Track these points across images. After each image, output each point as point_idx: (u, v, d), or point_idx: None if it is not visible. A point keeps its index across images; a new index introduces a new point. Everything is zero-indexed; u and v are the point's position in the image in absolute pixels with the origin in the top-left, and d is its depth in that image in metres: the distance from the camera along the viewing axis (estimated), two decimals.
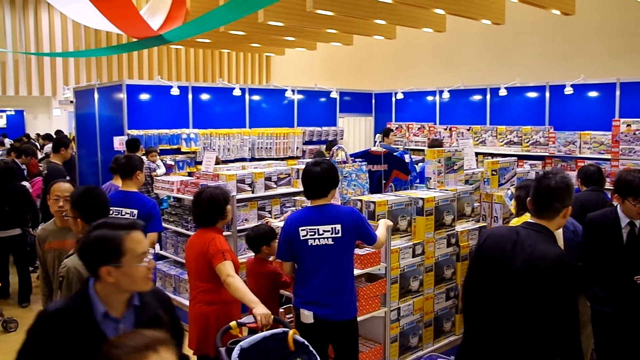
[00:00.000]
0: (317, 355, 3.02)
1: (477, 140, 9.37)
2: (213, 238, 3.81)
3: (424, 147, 9.73)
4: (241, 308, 3.94)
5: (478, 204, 5.50)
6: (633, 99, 7.93)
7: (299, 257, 3.70)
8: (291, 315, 3.95)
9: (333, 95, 10.96)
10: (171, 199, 6.47)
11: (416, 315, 4.67)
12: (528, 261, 2.79)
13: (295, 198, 6.06)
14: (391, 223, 4.33)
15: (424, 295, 4.73)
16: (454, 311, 5.02)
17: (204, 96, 9.28)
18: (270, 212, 6.22)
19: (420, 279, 4.67)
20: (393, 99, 11.54)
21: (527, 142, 8.81)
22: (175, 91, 8.72)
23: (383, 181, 5.78)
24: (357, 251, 4.05)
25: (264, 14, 8.66)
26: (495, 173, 5.57)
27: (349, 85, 12.30)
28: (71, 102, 11.27)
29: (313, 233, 3.62)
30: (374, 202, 4.40)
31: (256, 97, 9.95)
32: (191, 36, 10.24)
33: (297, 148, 10.13)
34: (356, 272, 3.94)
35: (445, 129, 10.14)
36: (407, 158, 6.05)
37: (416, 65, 13.06)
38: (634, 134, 7.47)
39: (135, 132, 8.22)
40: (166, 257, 6.49)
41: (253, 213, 6.12)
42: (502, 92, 9.37)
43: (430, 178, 5.25)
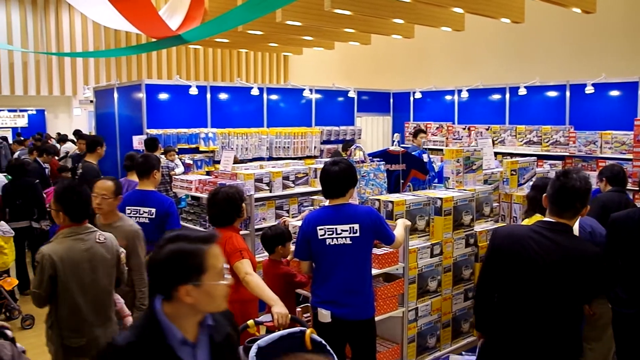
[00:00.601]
0: (335, 354, 3.01)
1: (496, 139, 9.29)
2: (230, 237, 3.82)
3: (443, 147, 9.67)
4: (258, 307, 3.95)
5: (497, 204, 5.45)
6: None
7: (317, 257, 3.70)
8: (309, 314, 3.95)
9: (351, 94, 10.94)
10: (189, 198, 6.51)
11: (434, 315, 4.64)
12: (568, 259, 2.84)
13: (313, 197, 6.06)
14: (409, 223, 4.31)
15: (442, 295, 4.70)
16: (472, 312, 4.98)
17: (222, 96, 9.32)
18: (287, 212, 6.22)
19: (438, 279, 4.64)
20: (411, 99, 11.49)
21: (547, 142, 8.71)
22: (193, 91, 8.76)
23: (401, 181, 5.75)
24: (375, 251, 4.04)
25: (282, 14, 8.67)
26: (514, 173, 5.52)
27: (367, 84, 12.27)
28: (91, 102, 11.39)
29: (331, 232, 3.62)
30: (392, 202, 4.39)
31: (274, 97, 9.96)
32: (209, 36, 10.28)
33: (315, 147, 10.12)
34: (374, 272, 3.93)
35: (463, 129, 10.07)
36: (426, 158, 6.02)
37: (434, 64, 12.98)
38: None
39: (154, 132, 8.28)
40: None
41: (271, 212, 6.12)
42: (522, 91, 9.28)
43: (448, 178, 5.21)
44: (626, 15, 9.84)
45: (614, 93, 8.29)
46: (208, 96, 9.09)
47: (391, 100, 11.93)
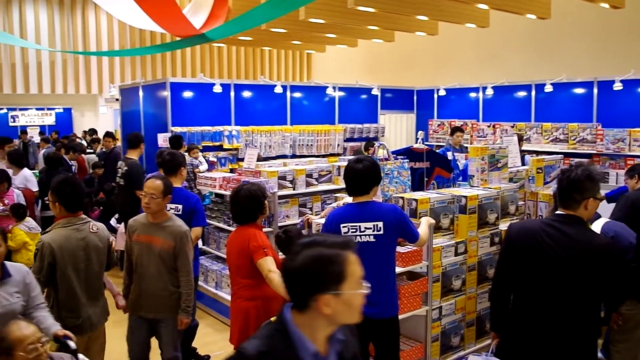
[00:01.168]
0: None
1: (522, 137, 9.17)
2: (254, 234, 3.84)
3: (467, 145, 9.58)
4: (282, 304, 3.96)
5: (522, 203, 5.39)
6: None
7: None
8: None
9: (374, 92, 10.90)
10: (213, 195, 6.56)
11: (458, 314, 4.61)
12: (578, 250, 2.86)
13: (336, 195, 6.06)
14: (433, 221, 4.28)
15: (467, 294, 4.67)
16: None
17: (246, 93, 9.36)
18: (311, 209, 6.23)
19: (462, 278, 4.61)
20: (435, 96, 11.41)
21: (574, 140, 8.59)
22: (217, 89, 8.81)
23: (425, 179, 5.72)
24: (399, 249, 4.02)
25: (305, 12, 8.68)
26: (540, 171, 5.46)
27: (391, 81, 12.22)
28: (117, 100, 11.53)
29: (355, 230, 3.61)
30: (416, 200, 4.37)
31: (297, 94, 9.98)
32: (233, 34, 10.32)
33: (338, 145, 10.11)
34: (398, 270, 3.92)
35: (488, 126, 9.97)
36: (450, 155, 5.98)
37: (459, 61, 12.86)
38: None
39: (178, 129, 8.35)
40: (208, 252, 6.58)
41: (294, 210, 6.14)
42: (548, 88, 9.16)
43: (473, 176, 5.17)
44: None
45: None
46: (232, 94, 9.14)
47: (415, 97, 11.86)
